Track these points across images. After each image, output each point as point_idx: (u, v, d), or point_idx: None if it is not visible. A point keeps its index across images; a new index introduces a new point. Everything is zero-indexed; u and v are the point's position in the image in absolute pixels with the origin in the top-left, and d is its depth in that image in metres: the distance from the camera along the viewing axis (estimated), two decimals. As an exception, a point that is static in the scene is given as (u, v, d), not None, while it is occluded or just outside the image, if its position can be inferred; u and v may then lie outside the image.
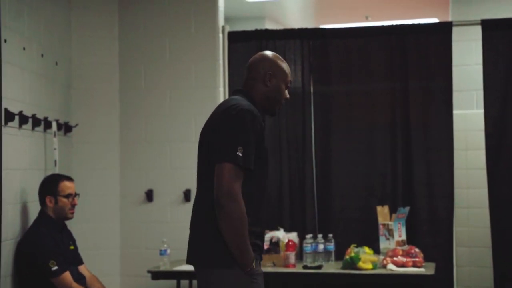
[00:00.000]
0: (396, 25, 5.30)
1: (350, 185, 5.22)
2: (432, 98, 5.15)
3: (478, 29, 5.09)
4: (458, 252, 5.56)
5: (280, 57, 2.97)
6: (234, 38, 5.42)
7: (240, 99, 2.80)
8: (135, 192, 5.41)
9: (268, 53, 2.96)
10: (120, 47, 5.46)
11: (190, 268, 4.78)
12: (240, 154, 2.63)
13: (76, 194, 4.34)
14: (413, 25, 5.27)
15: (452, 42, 5.11)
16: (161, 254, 4.85)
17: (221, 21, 5.37)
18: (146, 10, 5.44)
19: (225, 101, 2.87)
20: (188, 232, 5.23)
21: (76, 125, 5.23)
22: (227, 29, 5.39)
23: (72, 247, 4.38)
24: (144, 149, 5.41)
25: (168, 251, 4.84)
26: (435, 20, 7.12)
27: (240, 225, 2.60)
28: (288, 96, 2.92)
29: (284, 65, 2.93)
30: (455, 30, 5.13)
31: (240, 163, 2.63)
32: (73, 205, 4.30)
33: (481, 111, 5.17)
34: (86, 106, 5.37)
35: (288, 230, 5.11)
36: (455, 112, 5.15)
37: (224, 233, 2.61)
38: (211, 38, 5.34)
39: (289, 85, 2.92)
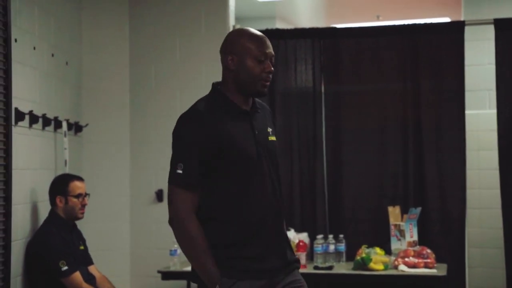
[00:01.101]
0: (408, 25, 5.26)
1: (361, 185, 5.19)
2: (444, 98, 5.11)
3: (491, 29, 5.04)
4: (470, 253, 5.52)
5: (246, 29, 2.57)
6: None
7: (200, 100, 2.58)
8: (145, 192, 5.40)
9: (232, 31, 2.65)
10: (130, 47, 5.46)
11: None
12: (180, 172, 2.42)
13: (86, 194, 4.33)
14: (425, 24, 5.23)
15: (464, 42, 5.06)
16: (171, 254, 4.83)
17: (232, 21, 5.36)
18: (157, 10, 5.43)
19: None
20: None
21: (87, 125, 5.23)
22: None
23: (82, 247, 4.38)
24: (154, 149, 5.40)
25: (178, 251, 4.82)
26: (447, 19, 7.08)
27: (189, 248, 2.44)
28: (269, 68, 2.50)
29: (246, 38, 2.51)
30: (468, 30, 5.09)
31: (179, 182, 2.43)
32: (83, 205, 4.29)
33: (493, 111, 5.12)
34: (97, 106, 5.37)
35: (298, 230, 5.09)
36: (467, 112, 5.11)
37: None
38: (221, 38, 5.27)
39: (262, 58, 2.49)
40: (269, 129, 2.59)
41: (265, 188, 2.50)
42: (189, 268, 4.76)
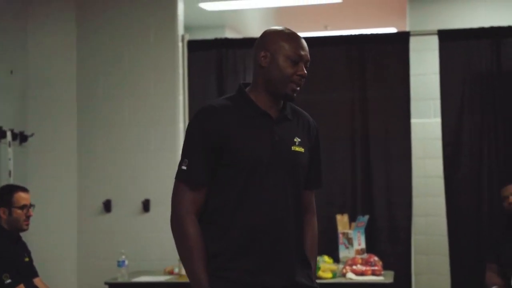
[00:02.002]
0: (355, 35, 5.34)
1: (310, 193, 5.20)
2: (391, 107, 5.20)
3: (435, 39, 5.15)
4: (417, 260, 5.60)
5: (284, 29, 2.41)
6: (194, 47, 5.39)
7: (222, 97, 2.47)
8: (93, 202, 5.33)
9: (268, 30, 2.45)
10: (78, 56, 5.39)
11: (148, 279, 4.76)
12: (185, 168, 2.30)
13: (31, 205, 4.25)
14: (372, 35, 5.31)
15: (409, 52, 5.16)
16: (119, 265, 4.78)
17: (180, 30, 5.34)
18: (105, 18, 5.38)
19: None
20: (146, 242, 5.21)
21: (32, 134, 5.14)
22: (187, 37, 5.36)
23: (27, 259, 4.29)
24: (102, 159, 5.34)
25: (126, 262, 4.77)
26: (393, 29, 7.21)
27: (182, 249, 2.30)
28: (302, 72, 2.35)
29: (282, 36, 2.37)
30: (413, 40, 5.19)
31: (182, 178, 2.31)
32: (28, 217, 4.21)
33: (438, 120, 5.23)
34: (43, 115, 5.28)
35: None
36: (413, 121, 5.20)
37: None
38: (170, 46, 5.30)
39: (296, 59, 2.35)
40: (297, 139, 2.41)
41: (273, 199, 2.33)
42: (137, 279, 4.72)
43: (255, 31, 7.54)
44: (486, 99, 5.00)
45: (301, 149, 2.41)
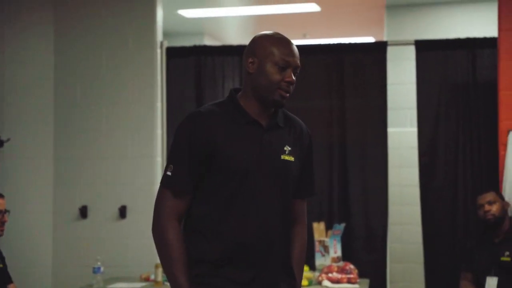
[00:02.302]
0: (333, 44, 5.37)
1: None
2: (368, 115, 5.23)
3: (412, 49, 5.20)
4: (392, 268, 5.63)
5: (273, 34, 2.36)
6: (173, 53, 5.39)
7: (212, 102, 2.42)
8: (69, 208, 5.29)
9: (257, 36, 2.39)
10: (55, 61, 5.36)
11: (124, 286, 4.73)
12: (170, 173, 2.29)
13: (6, 211, 4.21)
14: (350, 44, 5.34)
15: (387, 61, 5.21)
16: (94, 272, 4.74)
17: (159, 37, 5.34)
18: (83, 24, 5.36)
19: None
20: (123, 248, 5.18)
21: (8, 139, 5.10)
22: (165, 44, 5.36)
23: (1, 266, 4.24)
24: (79, 165, 5.30)
25: (102, 269, 4.74)
26: (371, 38, 7.26)
27: (163, 256, 2.28)
28: (289, 78, 2.30)
29: (271, 42, 2.32)
30: (390, 49, 5.24)
31: (167, 184, 2.30)
32: (2, 222, 4.16)
33: (414, 129, 5.27)
34: (20, 121, 5.24)
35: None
36: (390, 129, 5.24)
37: None
38: (149, 53, 5.29)
39: (284, 65, 2.30)
40: (287, 148, 2.37)
41: (260, 209, 2.30)
42: (112, 286, 4.70)
43: (234, 39, 7.57)
44: (462, 109, 5.06)
45: (291, 158, 2.37)
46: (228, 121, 2.32)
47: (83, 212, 5.28)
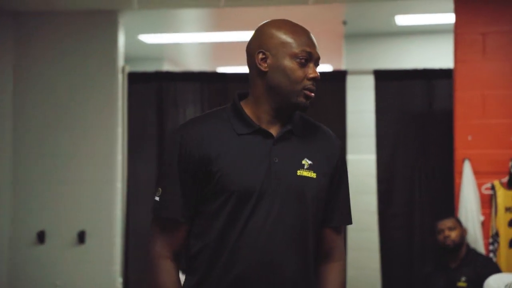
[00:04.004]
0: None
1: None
2: (327, 143, 5.29)
3: (371, 78, 5.31)
4: (350, 293, 5.68)
5: (283, 21, 1.93)
6: (134, 78, 5.40)
7: (210, 110, 2.00)
8: (26, 233, 5.21)
9: (264, 23, 1.96)
10: (14, 85, 5.31)
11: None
12: (157, 199, 1.89)
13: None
14: (310, 72, 5.41)
15: (346, 90, 5.30)
16: (53, 298, 4.69)
17: (121, 62, 5.34)
18: (44, 47, 5.32)
19: None
20: (82, 274, 5.11)
21: (-35, 163, 5.03)
22: (127, 69, 5.36)
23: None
24: (37, 189, 5.24)
25: (61, 295, 4.69)
26: (329, 66, 7.39)
27: None
28: (314, 73, 1.93)
29: (284, 30, 1.90)
30: (350, 78, 5.34)
31: (155, 211, 1.90)
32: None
33: (373, 157, 5.37)
34: (-23, 144, 5.17)
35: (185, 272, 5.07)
36: (349, 157, 5.33)
37: None
38: (110, 78, 5.28)
39: (303, 57, 1.89)
40: (306, 161, 1.91)
41: (266, 239, 1.84)
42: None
43: (194, 64, 7.61)
44: (419, 138, 5.17)
45: (311, 174, 1.91)
46: (228, 131, 1.89)
47: (41, 237, 5.20)
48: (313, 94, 1.95)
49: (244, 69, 6.17)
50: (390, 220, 5.19)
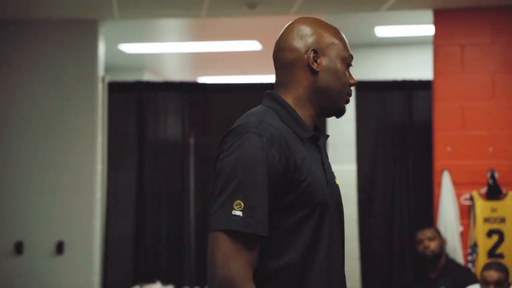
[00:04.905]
0: (272, 83, 5.44)
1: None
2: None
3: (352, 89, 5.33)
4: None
5: (323, 21, 1.83)
6: (114, 88, 5.38)
7: (254, 113, 1.76)
8: (3, 244, 5.15)
9: (305, 19, 1.82)
10: (-7, 93, 5.27)
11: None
12: (239, 214, 1.59)
13: None
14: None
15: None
16: (31, 309, 4.64)
17: (101, 71, 5.31)
18: (23, 57, 5.28)
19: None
20: (60, 286, 5.07)
21: None
22: (107, 79, 5.34)
23: None
24: (14, 199, 5.18)
25: (39, 306, 4.64)
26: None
27: None
28: (354, 80, 1.81)
29: (330, 31, 1.80)
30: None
31: (238, 227, 1.58)
32: None
33: (353, 167, 5.39)
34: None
35: (164, 282, 5.05)
36: (329, 167, 5.34)
37: None
38: (90, 87, 5.25)
39: (349, 62, 1.79)
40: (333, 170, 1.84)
41: (335, 255, 1.73)
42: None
43: (174, 74, 7.60)
44: (399, 148, 5.21)
45: (338, 182, 1.84)
46: (292, 136, 1.71)
47: (19, 248, 5.14)
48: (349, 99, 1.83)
49: (225, 79, 6.17)
50: (370, 230, 5.22)
